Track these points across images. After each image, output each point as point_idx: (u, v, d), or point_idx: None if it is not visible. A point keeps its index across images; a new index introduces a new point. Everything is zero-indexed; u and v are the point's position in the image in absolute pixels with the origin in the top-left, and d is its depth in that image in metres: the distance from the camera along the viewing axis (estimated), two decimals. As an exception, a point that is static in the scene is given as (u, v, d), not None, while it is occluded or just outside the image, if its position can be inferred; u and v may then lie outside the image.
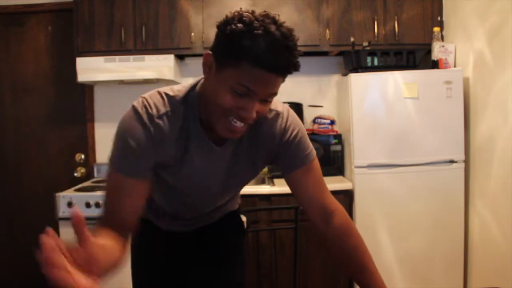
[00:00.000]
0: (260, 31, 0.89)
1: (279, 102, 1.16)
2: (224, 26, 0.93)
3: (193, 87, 1.08)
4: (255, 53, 0.89)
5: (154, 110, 1.02)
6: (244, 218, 1.57)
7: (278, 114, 1.14)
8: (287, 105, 1.19)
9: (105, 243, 0.88)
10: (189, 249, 1.40)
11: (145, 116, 1.01)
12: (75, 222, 0.68)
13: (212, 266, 1.41)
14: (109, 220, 0.99)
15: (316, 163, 1.19)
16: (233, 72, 0.92)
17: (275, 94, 0.98)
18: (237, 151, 1.13)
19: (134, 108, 1.03)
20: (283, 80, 0.97)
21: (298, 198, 1.19)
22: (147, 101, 1.03)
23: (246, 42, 0.89)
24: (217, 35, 0.97)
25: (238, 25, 0.91)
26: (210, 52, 0.97)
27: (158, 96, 1.05)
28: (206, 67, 0.99)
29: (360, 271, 1.12)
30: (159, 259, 1.39)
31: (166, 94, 1.06)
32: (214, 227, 1.40)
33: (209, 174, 1.13)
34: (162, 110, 1.03)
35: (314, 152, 1.19)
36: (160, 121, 1.01)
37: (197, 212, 1.32)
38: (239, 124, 0.97)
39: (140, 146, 1.00)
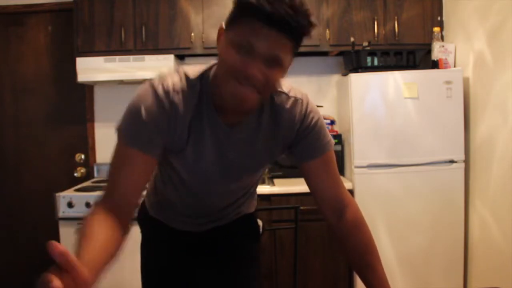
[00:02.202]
0: None
1: (298, 89, 1.13)
2: None
3: (208, 68, 1.07)
4: (256, 7, 0.88)
5: (170, 86, 1.00)
6: (260, 223, 1.50)
7: (297, 100, 1.11)
8: (305, 93, 1.15)
9: (100, 238, 0.85)
10: (201, 251, 1.33)
11: (161, 91, 0.99)
12: (59, 258, 0.65)
13: (223, 272, 1.34)
14: (109, 195, 0.97)
15: (333, 154, 1.16)
16: (236, 29, 0.92)
17: (280, 54, 0.92)
18: (254, 136, 1.10)
19: (150, 83, 1.01)
20: (294, 47, 0.94)
21: (311, 189, 1.17)
22: (164, 77, 1.02)
23: None
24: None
25: None
26: (222, 24, 0.97)
27: (175, 74, 1.04)
28: (218, 39, 0.99)
29: (367, 269, 1.11)
30: (169, 259, 1.33)
31: (184, 73, 1.05)
32: (228, 229, 1.33)
33: (221, 156, 1.10)
34: (178, 86, 1.01)
35: (332, 142, 1.16)
36: (175, 97, 1.00)
37: (210, 206, 1.26)
38: (247, 88, 0.93)
39: (153, 120, 0.98)
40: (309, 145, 1.12)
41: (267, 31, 0.89)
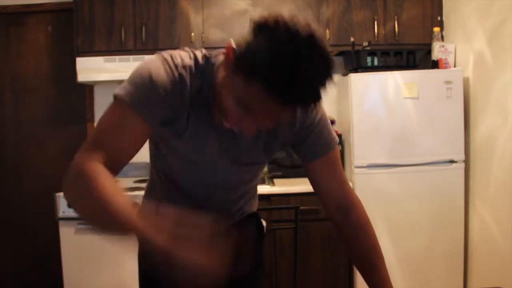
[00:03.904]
0: (288, 60, 0.76)
1: None
2: (258, 29, 0.80)
3: (212, 57, 1.00)
4: (272, 81, 0.77)
5: (179, 60, 0.96)
6: (264, 223, 1.46)
7: None
8: None
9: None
10: None
11: (170, 62, 0.95)
12: None
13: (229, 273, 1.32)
14: (96, 151, 0.87)
15: (338, 152, 1.13)
16: (244, 84, 0.81)
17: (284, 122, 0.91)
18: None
19: (159, 53, 0.98)
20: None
21: (316, 188, 1.15)
22: (171, 51, 0.99)
23: (268, 63, 0.76)
24: (248, 32, 0.83)
25: (268, 40, 0.77)
26: (233, 46, 0.85)
27: (183, 51, 1.00)
28: (226, 60, 0.89)
29: (370, 269, 1.11)
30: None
31: (191, 51, 1.00)
32: (231, 230, 1.32)
33: (215, 149, 1.05)
34: (188, 62, 0.97)
35: (336, 139, 1.13)
36: (184, 71, 0.96)
37: (213, 205, 1.20)
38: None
39: (162, 86, 0.92)
40: (313, 144, 1.10)
41: (278, 106, 0.81)
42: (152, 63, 0.95)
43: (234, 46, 0.85)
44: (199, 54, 1.01)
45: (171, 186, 1.16)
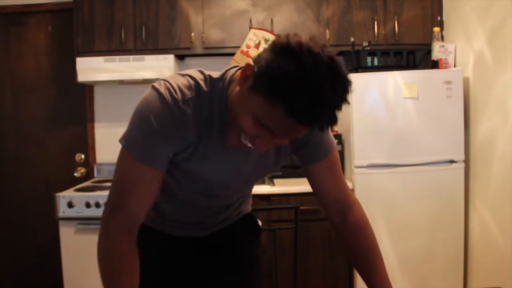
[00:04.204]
0: (311, 85, 0.78)
1: None
2: (280, 51, 0.81)
3: (219, 79, 0.98)
4: (295, 105, 0.78)
5: (179, 94, 0.93)
6: (260, 223, 1.47)
7: None
8: None
9: (135, 272, 0.91)
10: (203, 256, 1.28)
11: (169, 99, 0.92)
12: None
13: (228, 274, 1.30)
14: (119, 211, 0.93)
15: (336, 153, 1.13)
16: (264, 104, 0.82)
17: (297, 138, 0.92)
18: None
19: (155, 89, 0.94)
20: None
21: (315, 190, 1.15)
22: (170, 83, 0.94)
23: (291, 87, 0.78)
24: (268, 51, 0.84)
25: (293, 64, 0.79)
26: (252, 64, 0.87)
27: (183, 79, 0.96)
28: (242, 77, 0.89)
29: (369, 270, 1.11)
30: (169, 269, 1.25)
31: (192, 78, 0.97)
32: (229, 231, 1.29)
33: (229, 168, 1.06)
34: (188, 94, 0.94)
35: (335, 142, 1.13)
36: (185, 106, 0.93)
37: (213, 211, 1.23)
38: (250, 145, 0.91)
39: (164, 132, 0.92)
40: (313, 148, 1.10)
41: (296, 127, 0.83)
42: (151, 104, 0.93)
43: (253, 64, 0.86)
44: (200, 78, 0.98)
45: (172, 194, 1.15)
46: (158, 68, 2.91)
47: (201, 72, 1.00)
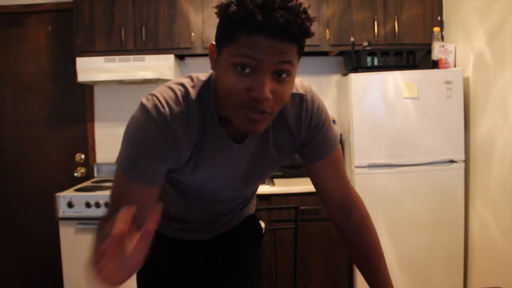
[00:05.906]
0: None
1: (298, 81, 1.04)
2: (218, 8, 0.85)
3: (206, 82, 0.97)
4: (248, 19, 0.78)
5: (167, 109, 0.91)
6: (262, 225, 1.46)
7: (302, 97, 1.03)
8: (307, 84, 1.07)
9: None
10: (204, 259, 1.27)
11: (156, 117, 0.90)
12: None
13: (229, 278, 1.29)
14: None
15: (339, 150, 1.11)
16: (231, 47, 0.82)
17: (288, 63, 0.84)
18: (265, 145, 1.04)
19: (144, 107, 0.92)
20: (299, 50, 0.86)
21: (318, 188, 1.14)
22: (157, 99, 0.92)
23: (237, 10, 0.79)
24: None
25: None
26: (212, 42, 0.89)
27: (170, 93, 0.94)
28: (211, 59, 0.90)
29: (371, 269, 1.11)
30: (170, 272, 1.24)
31: (179, 90, 0.95)
32: (232, 234, 1.28)
33: (229, 174, 1.05)
34: (176, 109, 0.92)
35: (338, 137, 1.10)
36: (174, 122, 0.91)
37: (216, 214, 1.21)
38: (259, 115, 0.85)
39: (154, 149, 0.91)
40: (318, 146, 1.08)
41: (267, 43, 0.80)
42: (138, 122, 0.92)
43: (213, 42, 0.89)
44: (188, 85, 0.97)
45: (173, 199, 1.15)
46: (158, 68, 2.91)
47: (191, 79, 0.99)
